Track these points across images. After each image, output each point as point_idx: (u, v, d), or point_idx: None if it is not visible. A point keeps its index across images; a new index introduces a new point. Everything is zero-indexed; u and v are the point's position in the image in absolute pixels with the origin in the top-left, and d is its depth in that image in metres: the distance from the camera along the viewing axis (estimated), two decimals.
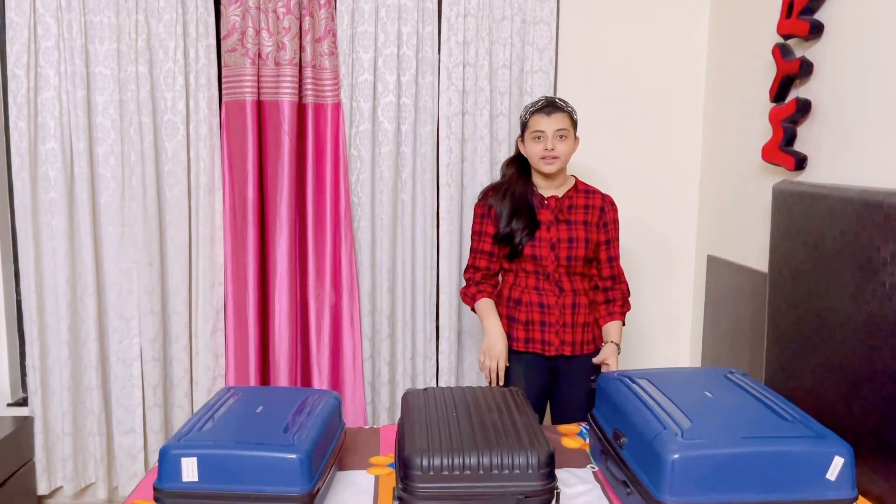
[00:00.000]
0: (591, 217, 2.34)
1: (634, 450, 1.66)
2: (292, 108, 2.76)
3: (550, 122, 2.25)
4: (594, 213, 2.35)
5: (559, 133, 2.26)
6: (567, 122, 2.28)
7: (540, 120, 2.26)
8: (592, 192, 2.39)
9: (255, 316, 2.83)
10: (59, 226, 2.75)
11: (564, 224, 2.31)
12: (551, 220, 2.31)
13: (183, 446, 1.56)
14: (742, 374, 1.92)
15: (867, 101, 1.96)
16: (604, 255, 2.36)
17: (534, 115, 2.29)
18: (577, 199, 2.35)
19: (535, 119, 2.28)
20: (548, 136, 2.25)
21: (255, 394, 1.90)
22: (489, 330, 2.32)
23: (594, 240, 2.33)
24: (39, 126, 2.72)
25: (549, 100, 2.31)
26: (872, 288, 1.76)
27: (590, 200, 2.36)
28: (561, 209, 2.33)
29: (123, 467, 2.91)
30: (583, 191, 2.38)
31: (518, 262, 2.32)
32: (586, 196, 2.37)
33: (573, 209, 2.34)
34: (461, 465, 1.57)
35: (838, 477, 1.51)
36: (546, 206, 2.33)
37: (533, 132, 2.28)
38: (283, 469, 1.54)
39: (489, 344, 2.30)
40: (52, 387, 2.86)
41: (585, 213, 2.34)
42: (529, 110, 2.32)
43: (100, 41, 2.71)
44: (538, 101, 2.32)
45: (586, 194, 2.37)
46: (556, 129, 2.25)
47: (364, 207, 2.88)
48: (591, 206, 2.35)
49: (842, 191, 1.90)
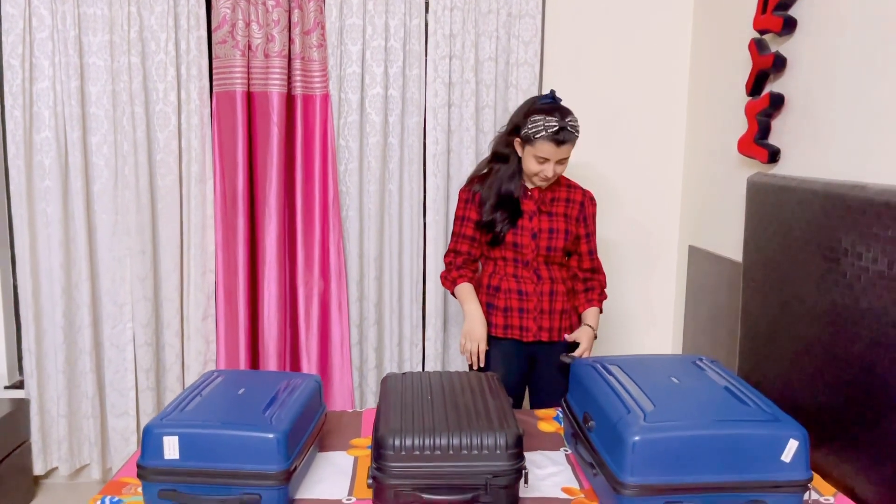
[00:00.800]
0: (571, 211, 2.39)
1: (601, 433, 1.72)
2: (281, 100, 2.81)
3: (559, 153, 2.21)
4: (574, 206, 2.40)
5: (562, 160, 2.25)
6: (570, 151, 2.25)
7: (549, 148, 2.20)
8: (574, 186, 2.44)
9: (245, 302, 2.89)
10: (54, 213, 2.82)
11: (546, 215, 2.36)
12: (534, 210, 2.36)
13: (165, 425, 1.62)
14: (711, 361, 1.97)
15: (836, 96, 2.01)
16: (584, 248, 2.42)
17: (544, 140, 2.19)
18: (559, 192, 2.40)
19: (545, 145, 2.19)
20: (551, 163, 2.23)
21: (238, 377, 1.96)
22: (469, 313, 2.37)
23: (573, 232, 2.38)
24: (34, 115, 2.79)
25: (563, 130, 2.18)
26: (834, 277, 1.82)
27: (571, 195, 2.41)
28: (544, 201, 2.38)
29: (117, 449, 2.99)
30: (565, 185, 2.43)
31: (499, 250, 2.37)
32: (568, 190, 2.42)
33: (555, 202, 2.39)
34: (432, 446, 1.62)
35: (793, 459, 1.56)
36: (529, 196, 2.38)
37: (538, 155, 2.22)
38: (260, 448, 1.59)
39: (469, 328, 2.35)
40: (47, 370, 2.93)
41: (566, 206, 2.39)
42: (540, 131, 2.19)
43: (93, 32, 2.76)
44: (552, 123, 2.18)
45: (568, 188, 2.42)
46: (560, 158, 2.24)
47: (352, 197, 2.94)
48: (571, 199, 2.41)
49: (809, 183, 1.96)
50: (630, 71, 3.02)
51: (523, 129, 2.25)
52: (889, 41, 1.80)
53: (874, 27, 1.86)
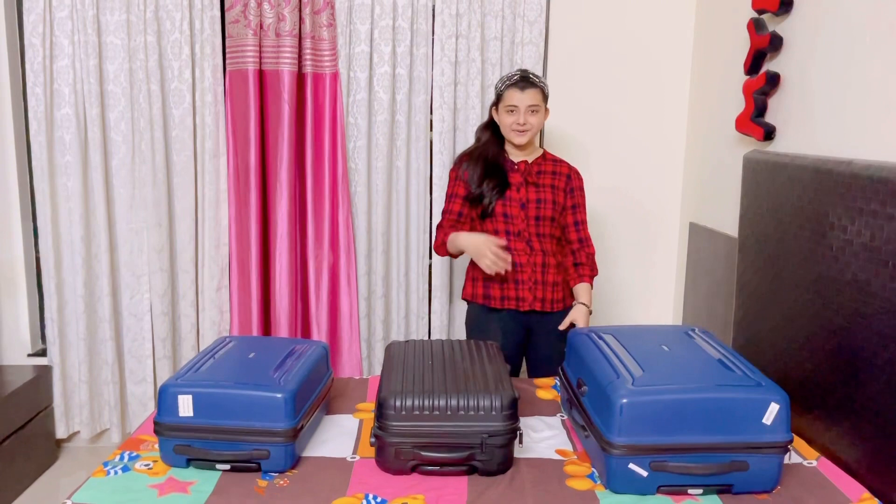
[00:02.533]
0: (557, 182, 2.47)
1: (593, 397, 1.79)
2: (292, 78, 2.89)
3: (523, 98, 2.35)
4: (561, 178, 2.48)
5: (531, 108, 2.37)
6: (539, 97, 2.38)
7: (514, 94, 2.36)
8: (559, 161, 2.53)
9: (258, 274, 2.99)
10: (75, 187, 2.92)
11: (533, 186, 2.43)
12: (521, 181, 2.43)
13: (180, 385, 1.72)
14: (702, 332, 2.04)
15: (830, 75, 2.06)
16: (570, 220, 2.48)
17: (508, 88, 2.38)
18: (545, 165, 2.48)
19: (510, 93, 2.37)
20: (520, 110, 2.36)
21: (249, 342, 2.06)
22: (466, 240, 2.35)
23: (560, 202, 2.45)
24: (55, 93, 2.88)
25: (523, 74, 2.39)
26: (822, 250, 1.88)
27: (557, 168, 2.50)
28: (530, 173, 2.45)
29: (136, 414, 3.11)
30: (550, 160, 2.51)
31: (490, 223, 2.44)
32: (554, 164, 2.50)
33: (541, 174, 2.46)
34: (431, 406, 1.71)
35: (774, 421, 1.63)
36: (516, 169, 2.45)
37: (506, 105, 2.38)
38: (269, 406, 1.69)
39: (473, 246, 2.31)
40: (69, 338, 3.05)
41: (553, 178, 2.47)
42: (505, 83, 2.40)
43: (111, 12, 2.84)
44: (513, 74, 2.41)
45: (553, 163, 2.51)
46: (528, 105, 2.36)
47: (360, 173, 3.02)
48: (557, 172, 2.49)
49: (800, 159, 2.01)
50: (633, 50, 3.05)
51: (495, 94, 2.45)
52: (879, 21, 1.84)
53: (865, 7, 1.90)
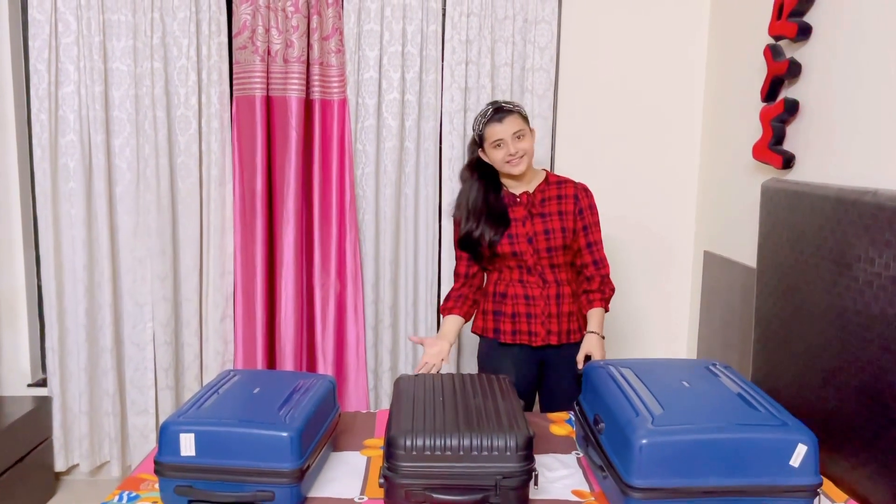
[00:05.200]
0: (564, 206, 2.36)
1: (610, 435, 1.72)
2: (300, 104, 2.86)
3: (505, 128, 2.26)
4: (568, 201, 2.37)
5: (517, 135, 2.28)
6: (520, 122, 2.29)
7: (494, 128, 2.27)
8: (564, 181, 2.41)
9: (263, 303, 2.94)
10: (78, 214, 2.88)
11: (539, 217, 2.35)
12: (525, 215, 2.35)
13: (182, 423, 1.65)
14: (724, 367, 1.97)
15: (851, 102, 2.01)
16: (582, 242, 2.38)
17: (487, 125, 2.29)
18: (549, 191, 2.38)
19: (490, 129, 2.28)
20: (507, 141, 2.27)
21: (254, 376, 1.99)
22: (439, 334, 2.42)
23: (571, 227, 2.35)
24: (60, 119, 2.85)
25: (496, 106, 2.30)
26: (846, 282, 1.82)
27: (562, 191, 2.38)
28: (534, 203, 2.36)
29: (136, 446, 3.04)
30: (554, 183, 2.40)
31: (501, 260, 2.38)
32: (558, 187, 2.39)
33: (546, 202, 2.37)
34: (443, 446, 1.64)
35: (802, 463, 1.56)
36: (518, 202, 2.37)
37: (491, 142, 2.29)
38: (274, 446, 1.62)
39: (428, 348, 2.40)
40: (69, 368, 2.99)
41: (559, 203, 2.37)
42: (481, 122, 2.31)
43: (117, 38, 2.82)
44: (486, 110, 2.31)
45: (558, 185, 2.40)
46: (512, 133, 2.27)
47: (368, 200, 2.97)
48: (563, 195, 2.38)
49: (822, 189, 1.96)
50: (645, 76, 3.02)
51: (475, 136, 2.37)
52: None
53: (889, 33, 1.86)
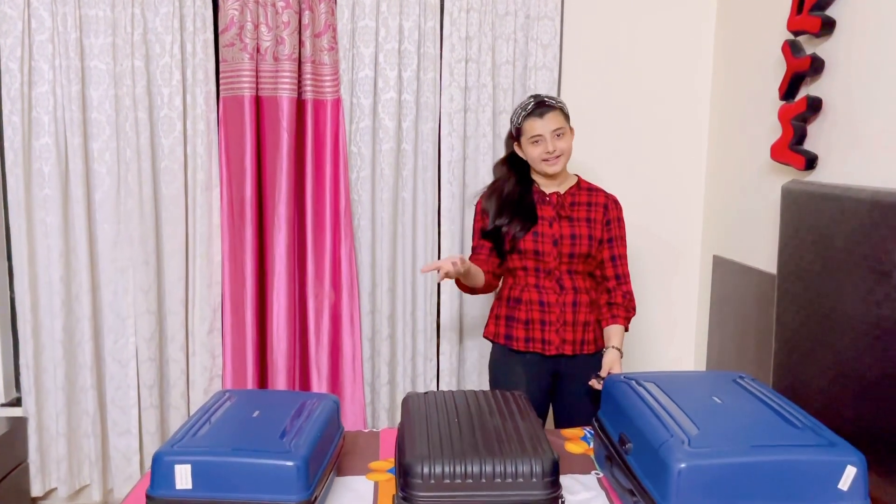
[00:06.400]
0: (594, 214, 2.30)
1: (640, 457, 1.62)
2: (291, 105, 2.72)
3: (546, 124, 2.20)
4: (597, 210, 2.31)
5: (556, 132, 2.22)
6: (561, 120, 2.23)
7: (534, 123, 2.21)
8: (595, 190, 2.35)
9: (253, 315, 2.79)
10: (54, 223, 2.71)
11: (567, 220, 2.27)
12: (553, 216, 2.27)
13: (176, 452, 1.52)
14: (751, 379, 1.87)
15: (880, 99, 1.92)
16: (606, 254, 2.32)
17: (526, 119, 2.23)
18: (579, 196, 2.32)
19: (529, 123, 2.22)
20: (546, 138, 2.21)
21: (251, 397, 1.86)
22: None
23: (597, 237, 2.29)
24: (33, 121, 2.68)
25: (538, 100, 2.24)
26: (884, 290, 1.72)
27: (593, 198, 2.33)
28: (563, 205, 2.29)
29: (119, 469, 2.88)
30: (585, 189, 2.34)
31: (520, 259, 2.27)
32: (589, 194, 2.33)
33: (575, 206, 2.30)
34: (463, 473, 1.53)
35: (851, 487, 1.47)
36: (548, 202, 2.29)
37: (530, 137, 2.23)
38: (279, 476, 1.50)
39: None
40: (46, 387, 2.82)
41: (588, 210, 2.30)
42: (521, 115, 2.25)
43: (95, 35, 2.66)
44: (527, 103, 2.25)
45: (589, 192, 2.34)
46: (552, 130, 2.21)
47: (364, 205, 2.84)
48: (594, 203, 2.31)
49: (854, 191, 1.86)
50: (650, 75, 2.93)
51: (513, 129, 2.31)
52: None
53: None
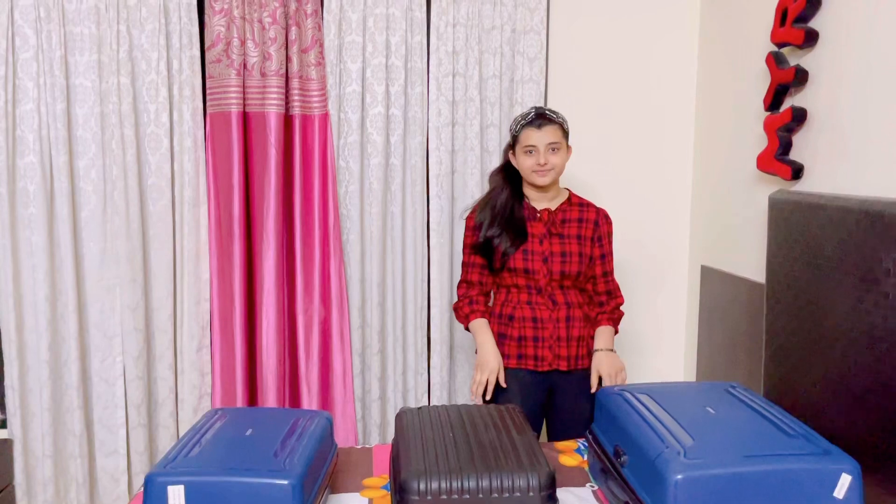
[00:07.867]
0: (584, 231, 2.30)
1: (636, 469, 1.62)
2: (279, 120, 2.71)
3: (542, 136, 2.21)
4: (588, 226, 2.31)
5: (551, 146, 2.22)
6: (559, 134, 2.23)
7: (530, 134, 2.21)
8: (586, 205, 2.35)
9: (242, 332, 2.76)
10: (39, 242, 2.67)
11: (557, 238, 2.27)
12: (544, 233, 2.27)
13: (169, 473, 1.50)
14: (744, 389, 1.88)
15: (865, 109, 1.94)
16: (598, 271, 2.32)
17: (524, 128, 2.23)
18: (570, 212, 2.31)
19: (526, 133, 2.22)
20: (539, 150, 2.21)
21: (243, 415, 1.84)
22: (483, 346, 2.27)
23: (588, 254, 2.29)
24: (18, 139, 2.65)
25: (538, 112, 2.25)
26: (874, 299, 1.73)
27: (584, 214, 2.32)
28: (554, 222, 2.29)
29: (106, 490, 2.83)
30: (576, 204, 2.34)
31: (511, 277, 2.27)
32: (580, 209, 2.33)
33: (566, 223, 2.29)
34: (460, 489, 1.52)
35: (846, 495, 1.47)
36: (538, 218, 2.29)
37: (524, 146, 2.23)
38: (274, 496, 1.48)
39: (483, 360, 2.25)
40: (31, 408, 2.77)
41: (579, 226, 2.30)
42: (520, 123, 2.25)
43: (80, 52, 2.64)
44: (528, 113, 2.26)
45: (580, 208, 2.33)
46: (547, 143, 2.21)
47: (353, 220, 2.83)
48: (584, 219, 2.31)
49: (841, 200, 1.88)
50: (636, 87, 2.95)
51: (510, 136, 2.31)
52: None
53: None
